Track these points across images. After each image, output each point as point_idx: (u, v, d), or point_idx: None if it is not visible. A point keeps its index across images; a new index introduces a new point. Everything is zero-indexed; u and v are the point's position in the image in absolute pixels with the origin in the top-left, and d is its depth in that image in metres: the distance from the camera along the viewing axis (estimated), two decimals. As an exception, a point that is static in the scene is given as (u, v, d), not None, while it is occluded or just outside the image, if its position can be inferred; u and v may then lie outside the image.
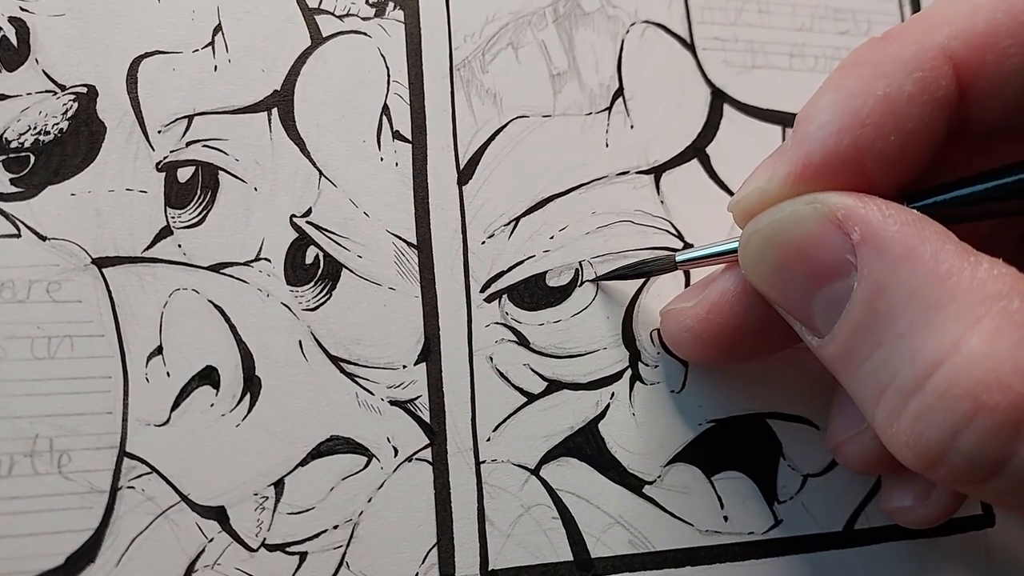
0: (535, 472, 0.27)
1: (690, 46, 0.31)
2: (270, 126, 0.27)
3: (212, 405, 0.25)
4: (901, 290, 0.19)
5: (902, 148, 0.21)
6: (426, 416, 0.26)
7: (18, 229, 0.24)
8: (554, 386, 0.27)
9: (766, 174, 0.23)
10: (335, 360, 0.26)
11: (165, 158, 0.26)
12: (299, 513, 0.25)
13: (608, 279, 0.28)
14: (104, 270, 0.25)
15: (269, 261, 0.26)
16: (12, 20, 0.25)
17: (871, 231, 0.19)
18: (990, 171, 0.21)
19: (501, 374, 0.27)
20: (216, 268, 0.26)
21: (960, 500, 0.26)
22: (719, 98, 0.31)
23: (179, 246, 0.25)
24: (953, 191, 0.21)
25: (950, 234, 0.19)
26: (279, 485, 0.25)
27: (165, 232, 0.25)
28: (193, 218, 0.26)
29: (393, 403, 0.26)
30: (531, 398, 0.27)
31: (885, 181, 0.21)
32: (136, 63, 0.26)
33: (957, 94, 0.21)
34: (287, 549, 0.25)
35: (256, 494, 0.25)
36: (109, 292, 0.25)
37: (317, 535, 0.25)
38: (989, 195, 0.21)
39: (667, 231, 0.29)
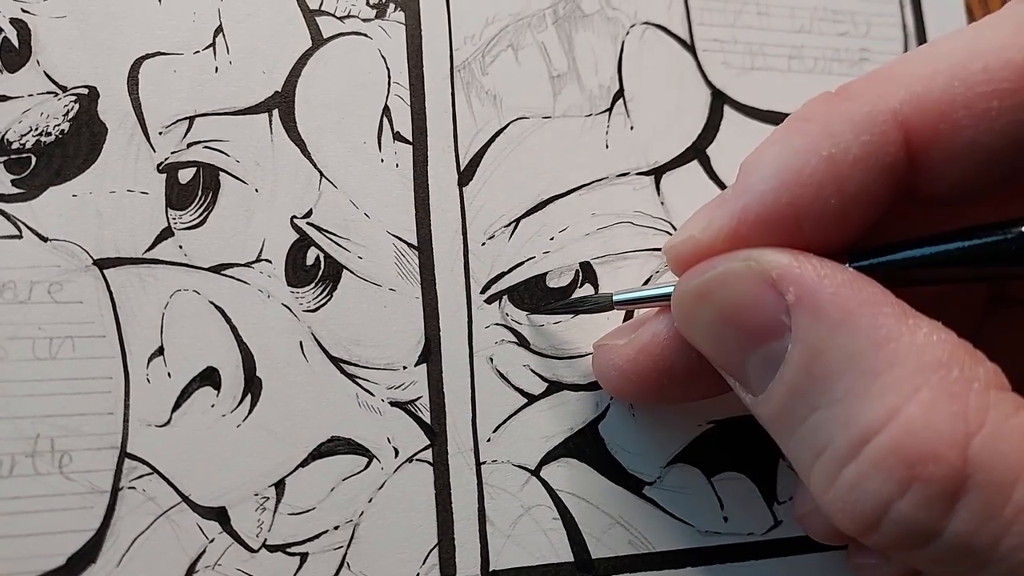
0: (535, 473, 0.27)
1: (690, 47, 0.31)
2: (271, 127, 0.27)
3: (213, 406, 0.25)
4: (838, 354, 0.18)
5: (843, 210, 0.20)
6: (427, 417, 0.26)
7: (19, 230, 0.24)
8: (554, 387, 0.27)
9: (702, 223, 0.22)
10: (336, 361, 0.26)
11: (166, 159, 0.26)
12: (300, 514, 0.25)
13: (543, 313, 0.27)
14: (105, 271, 0.25)
15: (270, 262, 0.26)
16: (14, 22, 0.26)
17: (806, 292, 0.19)
18: (938, 234, 0.20)
19: (501, 375, 0.27)
20: (217, 269, 0.26)
21: None
22: (719, 99, 0.31)
23: (180, 247, 0.25)
24: (898, 252, 0.21)
25: (889, 295, 0.19)
26: (280, 486, 0.25)
27: (166, 233, 0.25)
28: (194, 219, 0.26)
29: (394, 404, 0.26)
30: (531, 399, 0.27)
31: (824, 241, 0.21)
32: (137, 64, 0.26)
33: (906, 160, 0.21)
34: (288, 550, 0.25)
35: (257, 495, 0.25)
36: (110, 293, 0.25)
37: (318, 536, 0.25)
38: (933, 260, 0.20)
39: (667, 232, 0.29)
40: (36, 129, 0.25)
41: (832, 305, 0.19)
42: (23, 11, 0.26)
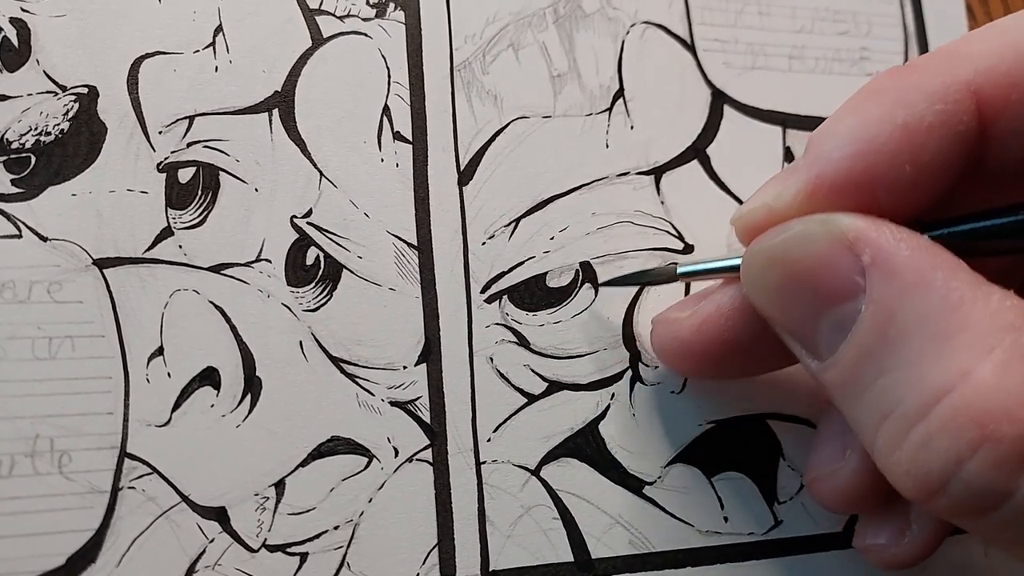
0: (535, 473, 0.27)
1: (690, 47, 0.31)
2: (271, 127, 0.27)
3: (213, 406, 0.25)
4: (911, 316, 0.18)
5: (916, 179, 0.21)
6: (426, 417, 0.26)
7: (19, 230, 0.24)
8: (554, 387, 0.27)
9: (774, 191, 0.22)
10: (335, 361, 0.26)
11: (166, 159, 0.26)
12: (300, 514, 0.25)
13: (610, 285, 0.28)
14: (105, 271, 0.25)
15: (270, 262, 0.26)
16: (13, 21, 0.25)
17: (882, 254, 0.19)
18: (1007, 207, 0.21)
19: (501, 375, 0.27)
20: (217, 269, 0.26)
21: (937, 543, 0.25)
22: (719, 99, 0.31)
23: (180, 247, 0.25)
24: (968, 223, 0.21)
25: (962, 263, 0.19)
26: (280, 486, 0.25)
27: (166, 233, 0.25)
28: (194, 219, 0.26)
29: (393, 404, 0.26)
30: (531, 399, 0.27)
31: (897, 209, 0.21)
32: (137, 64, 0.26)
33: (978, 130, 0.21)
34: (288, 550, 0.25)
35: (257, 494, 0.25)
36: (110, 293, 0.25)
37: (318, 535, 0.25)
38: (1004, 230, 0.21)
39: (667, 232, 0.29)
40: (36, 128, 0.25)
41: (907, 268, 0.19)
42: (23, 10, 0.26)
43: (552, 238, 0.28)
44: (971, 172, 0.22)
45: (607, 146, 0.29)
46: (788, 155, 0.31)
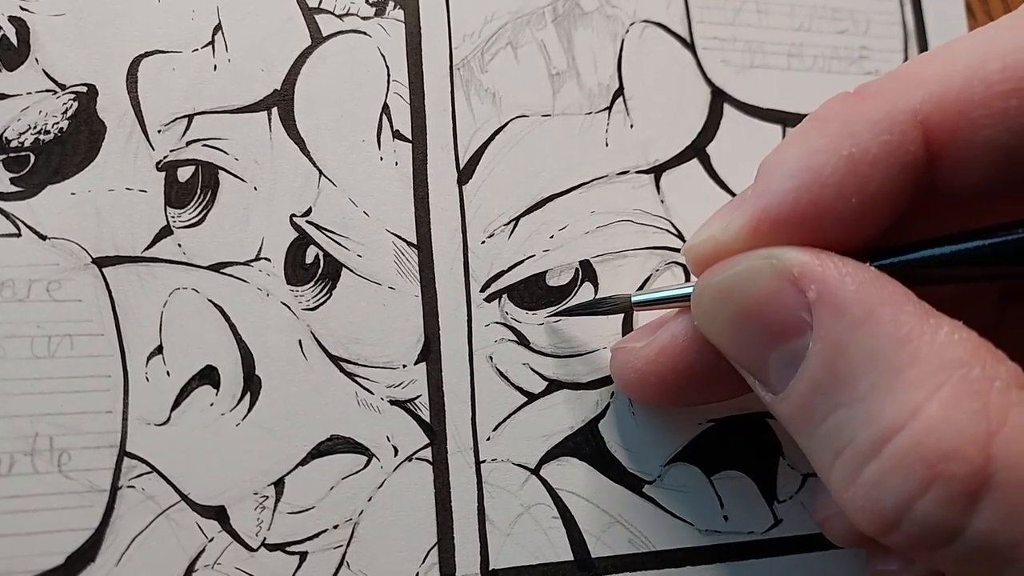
0: (535, 472, 0.27)
1: (690, 45, 0.31)
2: (270, 125, 0.27)
3: (212, 404, 0.25)
4: (860, 352, 0.18)
5: (863, 210, 0.20)
6: (426, 415, 0.26)
7: (18, 228, 0.24)
8: (554, 386, 0.27)
9: (721, 223, 0.22)
10: (335, 359, 0.26)
11: (165, 157, 0.26)
12: (299, 512, 0.25)
13: (565, 315, 0.27)
14: (104, 269, 0.25)
15: (269, 260, 0.26)
16: (12, 19, 0.25)
17: (828, 290, 0.19)
18: (957, 235, 0.20)
19: (501, 374, 0.27)
20: (216, 267, 0.26)
21: None
22: (719, 98, 0.31)
23: (179, 245, 0.25)
24: (917, 251, 0.21)
25: (910, 294, 0.19)
26: (279, 484, 0.25)
27: (165, 231, 0.25)
28: (193, 217, 0.26)
29: (393, 402, 0.26)
30: (531, 398, 0.27)
31: (844, 240, 0.21)
32: (136, 62, 0.26)
33: (926, 159, 0.21)
34: (287, 548, 0.25)
35: (256, 493, 0.25)
36: (109, 291, 0.25)
37: (317, 535, 0.25)
38: (953, 259, 0.20)
39: (667, 231, 0.29)
40: (35, 127, 0.25)
41: (854, 302, 0.19)
42: (22, 9, 0.26)
43: (552, 237, 0.28)
44: (921, 197, 0.21)
45: (607, 145, 0.29)
46: (787, 154, 0.31)
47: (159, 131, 0.26)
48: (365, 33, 0.28)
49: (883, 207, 0.21)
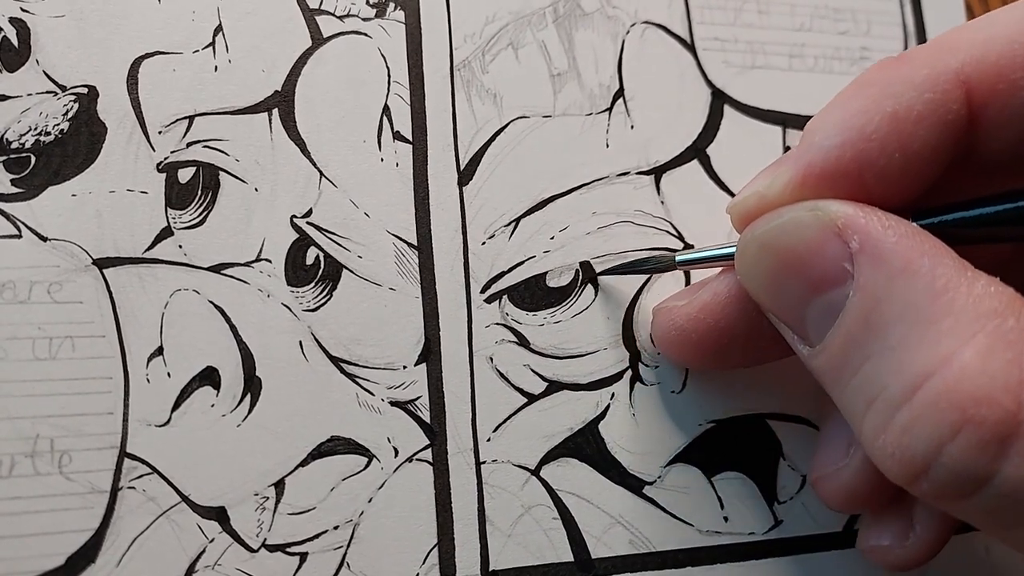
0: (535, 472, 0.27)
1: (690, 46, 0.31)
2: (271, 127, 0.27)
3: (213, 405, 0.25)
4: (896, 302, 0.19)
5: (906, 167, 0.21)
6: (426, 416, 0.26)
7: (19, 230, 0.24)
8: (554, 386, 0.27)
9: (766, 180, 0.23)
10: (335, 360, 0.26)
11: (166, 159, 0.26)
12: (300, 513, 0.25)
13: (609, 274, 0.28)
14: (105, 271, 0.25)
15: (270, 262, 0.26)
16: (13, 21, 0.26)
17: (870, 241, 0.19)
18: (997, 195, 0.21)
19: (501, 374, 0.27)
20: (217, 269, 0.26)
21: (941, 543, 0.25)
22: (719, 98, 0.31)
23: (180, 247, 0.25)
24: (957, 212, 0.21)
25: (949, 250, 0.19)
26: (280, 485, 0.25)
27: (166, 233, 0.25)
28: (194, 219, 0.26)
29: (393, 403, 0.26)
30: (531, 398, 0.27)
31: (887, 197, 0.21)
32: (137, 64, 0.26)
33: (967, 119, 0.21)
34: (288, 549, 0.25)
35: (257, 494, 0.25)
36: (110, 293, 0.25)
37: (318, 535, 0.25)
38: (994, 219, 0.21)
39: (667, 231, 0.29)
40: (35, 128, 0.25)
41: (894, 254, 0.19)
42: (22, 10, 0.26)
43: (552, 238, 0.28)
44: (961, 161, 0.22)
45: (607, 146, 0.29)
46: (788, 154, 0.31)
47: (160, 132, 0.26)
48: (366, 34, 0.28)
49: (925, 165, 0.21)
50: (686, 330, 0.25)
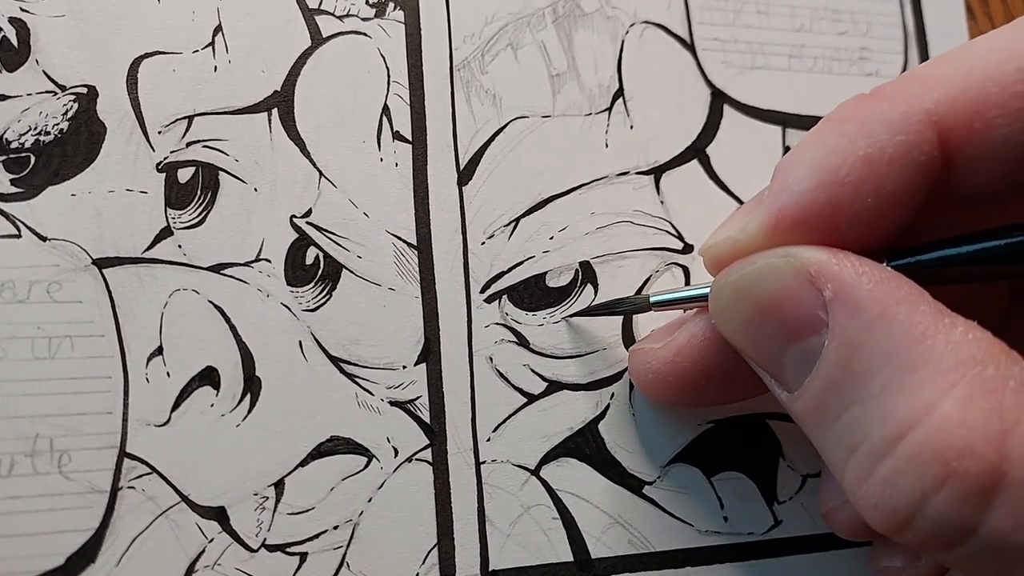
0: (535, 472, 0.27)
1: (690, 46, 0.31)
2: (270, 127, 0.27)
3: (212, 405, 0.25)
4: (875, 350, 0.18)
5: (879, 210, 0.21)
6: (426, 416, 0.26)
7: (18, 229, 0.24)
8: (554, 386, 0.27)
9: (739, 223, 0.22)
10: (335, 360, 0.26)
11: (165, 159, 0.26)
12: (299, 513, 0.25)
13: (583, 315, 0.28)
14: (104, 270, 0.25)
15: (269, 262, 0.26)
16: (12, 21, 0.26)
17: (844, 288, 0.19)
18: (973, 233, 0.21)
19: (501, 374, 0.27)
20: (216, 268, 0.26)
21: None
22: (719, 99, 0.31)
23: (179, 246, 0.25)
24: (934, 251, 0.21)
25: (925, 294, 0.19)
26: (279, 485, 0.25)
27: (165, 233, 0.25)
28: (193, 218, 0.26)
29: (393, 403, 0.26)
30: (531, 398, 0.27)
31: (860, 239, 0.21)
32: (136, 63, 0.26)
33: (940, 159, 0.21)
34: (287, 549, 0.25)
35: (256, 494, 0.25)
36: (109, 292, 0.25)
37: (317, 535, 0.25)
38: (971, 258, 0.20)
39: (667, 231, 0.29)
40: (35, 128, 0.25)
41: (869, 301, 0.19)
42: (22, 10, 0.26)
43: (552, 238, 0.28)
44: (936, 198, 0.22)
45: (607, 146, 0.29)
46: (788, 155, 0.31)
47: (159, 132, 0.26)
48: (365, 34, 0.28)
49: (899, 207, 0.21)
50: (663, 373, 0.25)
